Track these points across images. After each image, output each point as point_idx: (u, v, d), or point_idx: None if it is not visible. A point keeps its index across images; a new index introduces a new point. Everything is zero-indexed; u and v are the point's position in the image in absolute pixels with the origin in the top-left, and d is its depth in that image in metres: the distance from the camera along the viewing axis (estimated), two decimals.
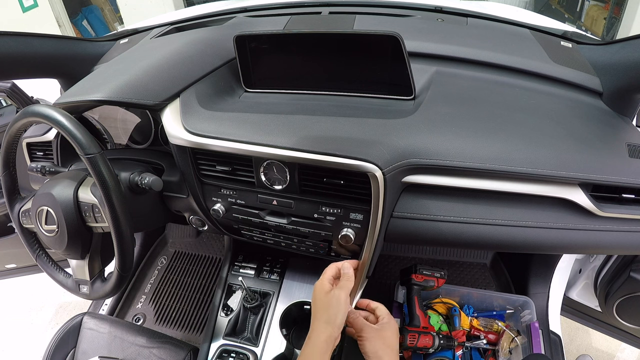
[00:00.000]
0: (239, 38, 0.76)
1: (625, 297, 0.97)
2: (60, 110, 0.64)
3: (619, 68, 0.75)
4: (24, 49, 0.86)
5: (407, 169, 0.64)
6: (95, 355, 0.95)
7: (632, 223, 0.68)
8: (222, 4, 1.43)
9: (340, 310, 0.64)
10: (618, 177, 0.64)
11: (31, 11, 3.35)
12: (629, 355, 1.47)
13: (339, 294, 0.65)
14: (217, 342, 0.95)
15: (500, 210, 0.67)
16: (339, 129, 0.65)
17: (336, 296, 0.65)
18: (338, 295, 0.65)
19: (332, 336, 0.62)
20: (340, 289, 0.66)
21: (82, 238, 0.73)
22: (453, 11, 1.07)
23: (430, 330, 0.98)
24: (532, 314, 1.05)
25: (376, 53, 0.71)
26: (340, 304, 0.64)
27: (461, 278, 1.39)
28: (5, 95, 0.97)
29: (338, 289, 0.66)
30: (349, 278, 0.68)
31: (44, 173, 0.83)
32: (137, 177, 0.75)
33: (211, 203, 0.79)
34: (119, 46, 1.08)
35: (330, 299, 0.65)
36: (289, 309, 0.98)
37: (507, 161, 0.62)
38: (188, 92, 0.75)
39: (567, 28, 1.03)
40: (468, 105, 0.72)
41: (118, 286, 0.72)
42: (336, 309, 0.64)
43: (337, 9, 1.10)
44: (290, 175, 0.69)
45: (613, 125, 0.73)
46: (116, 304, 1.41)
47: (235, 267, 1.08)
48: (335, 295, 0.65)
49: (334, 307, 0.64)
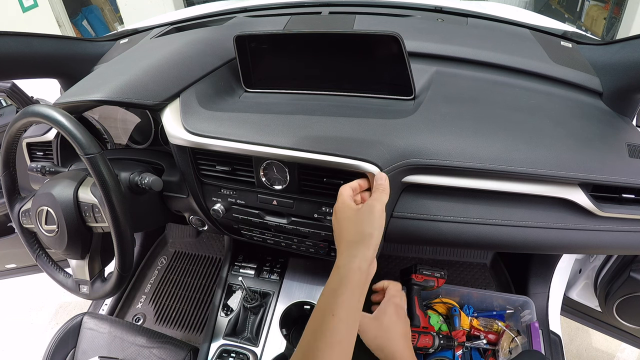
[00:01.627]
0: (239, 38, 0.76)
1: (625, 297, 0.97)
2: (60, 110, 0.64)
3: (619, 68, 0.75)
4: (24, 49, 0.86)
5: (407, 169, 0.64)
6: (95, 355, 0.95)
7: (632, 223, 0.68)
8: (222, 4, 1.43)
9: (376, 226, 0.51)
10: (618, 177, 0.64)
11: (31, 11, 3.35)
12: (629, 355, 1.47)
13: (373, 205, 0.52)
14: (217, 342, 0.95)
15: (500, 210, 0.67)
16: (339, 129, 0.65)
17: (369, 208, 0.52)
18: (371, 207, 0.52)
19: (366, 260, 0.49)
20: (375, 200, 0.53)
21: (82, 238, 0.73)
22: (453, 11, 1.07)
23: (430, 330, 0.98)
24: (532, 314, 1.05)
25: (376, 53, 0.71)
26: (374, 217, 0.51)
27: (461, 278, 1.39)
28: (5, 95, 0.97)
29: (372, 200, 0.54)
30: (385, 189, 0.56)
31: (44, 173, 0.83)
32: (137, 177, 0.75)
33: (211, 203, 0.79)
34: (119, 46, 1.08)
35: (362, 214, 0.52)
36: (289, 309, 0.98)
37: (507, 161, 0.62)
38: (188, 92, 0.75)
39: (567, 28, 1.03)
40: (468, 105, 0.72)
41: (118, 286, 0.72)
42: (370, 224, 0.51)
43: (337, 9, 1.10)
44: (290, 175, 0.69)
45: (613, 125, 0.73)
46: (116, 304, 1.41)
47: (235, 267, 1.08)
48: (367, 207, 0.52)
49: (367, 221, 0.51)
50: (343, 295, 0.48)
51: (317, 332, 0.47)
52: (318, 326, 0.48)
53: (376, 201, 0.54)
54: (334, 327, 0.47)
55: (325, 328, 0.47)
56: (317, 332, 0.47)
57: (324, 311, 0.48)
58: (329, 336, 0.46)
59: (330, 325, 0.47)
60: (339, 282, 0.49)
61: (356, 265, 0.49)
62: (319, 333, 0.47)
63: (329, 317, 0.47)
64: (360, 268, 0.49)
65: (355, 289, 0.49)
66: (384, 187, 0.57)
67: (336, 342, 0.46)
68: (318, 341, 0.46)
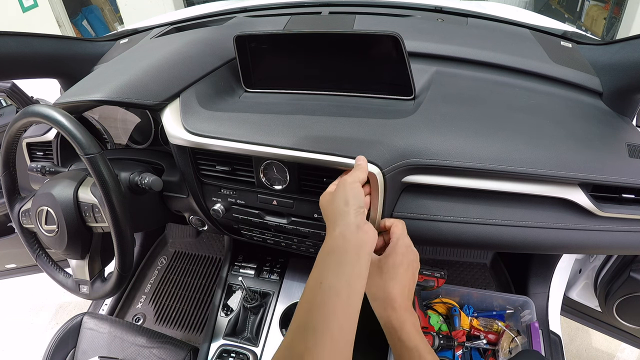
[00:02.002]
0: (239, 38, 0.76)
1: (625, 297, 0.96)
2: (60, 110, 0.64)
3: (619, 68, 0.75)
4: (24, 49, 0.86)
5: (407, 169, 0.64)
6: (95, 355, 0.95)
7: (632, 223, 0.68)
8: (222, 4, 1.43)
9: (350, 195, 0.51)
10: (618, 177, 0.64)
11: (31, 11, 3.35)
12: (629, 355, 1.47)
13: (344, 179, 0.54)
14: (217, 342, 0.95)
15: (500, 210, 0.67)
16: (339, 129, 0.65)
17: (341, 184, 0.53)
18: (343, 182, 0.53)
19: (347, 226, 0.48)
20: (347, 176, 0.55)
21: (82, 238, 0.73)
22: (453, 11, 1.07)
23: (430, 330, 0.98)
24: (532, 314, 1.05)
25: (376, 53, 0.71)
26: (345, 189, 0.52)
27: (461, 278, 1.39)
28: (5, 95, 0.97)
29: (344, 177, 0.55)
30: (361, 168, 0.56)
31: (44, 173, 0.83)
32: (137, 177, 0.75)
33: (211, 203, 0.79)
34: (119, 46, 1.08)
35: (336, 192, 0.53)
36: (289, 309, 0.99)
37: (507, 161, 0.62)
38: (188, 92, 0.75)
39: (567, 28, 1.03)
40: (468, 105, 0.72)
41: (118, 286, 0.72)
42: (343, 196, 0.51)
43: (337, 9, 1.10)
44: (290, 175, 0.69)
45: (613, 125, 0.73)
46: (116, 304, 1.41)
47: (235, 267, 1.08)
48: (340, 184, 0.53)
49: (340, 195, 0.52)
50: (330, 264, 0.46)
51: (309, 305, 0.44)
52: (309, 300, 0.45)
53: (348, 176, 0.55)
54: (323, 296, 0.44)
55: (314, 300, 0.44)
56: (309, 305, 0.44)
57: (313, 284, 0.46)
58: (321, 307, 0.43)
59: (319, 296, 0.44)
60: (326, 254, 0.48)
61: (338, 233, 0.48)
62: (310, 306, 0.44)
63: (317, 287, 0.45)
64: (343, 235, 0.48)
65: (343, 255, 0.47)
66: (361, 166, 0.57)
67: (330, 314, 0.42)
68: (311, 314, 0.43)
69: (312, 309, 0.44)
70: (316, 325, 0.42)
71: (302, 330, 0.42)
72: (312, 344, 0.40)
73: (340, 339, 0.42)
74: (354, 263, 0.47)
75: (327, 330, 0.41)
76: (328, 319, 0.42)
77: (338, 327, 0.42)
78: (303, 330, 0.42)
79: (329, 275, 0.45)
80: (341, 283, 0.45)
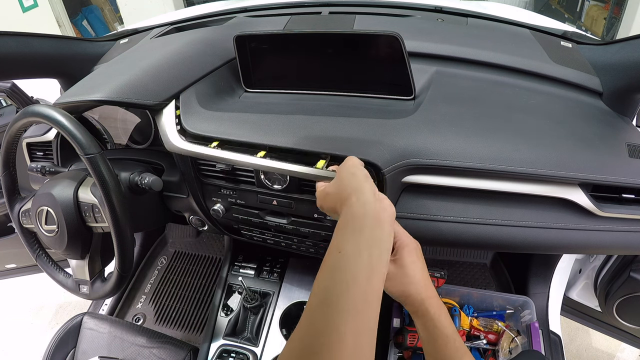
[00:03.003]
0: (239, 38, 0.76)
1: (625, 297, 0.96)
2: (60, 110, 0.64)
3: (619, 68, 0.75)
4: (24, 49, 0.86)
5: (407, 169, 0.64)
6: (95, 355, 0.95)
7: (632, 223, 0.68)
8: (222, 4, 1.43)
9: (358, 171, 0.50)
10: (618, 177, 0.64)
11: (31, 11, 3.35)
12: (629, 355, 1.47)
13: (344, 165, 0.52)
14: (217, 342, 0.95)
15: (500, 210, 0.67)
16: (338, 129, 0.65)
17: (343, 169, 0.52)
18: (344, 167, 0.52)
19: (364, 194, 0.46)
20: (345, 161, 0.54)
21: (82, 238, 0.73)
22: (453, 11, 1.07)
23: None
24: (532, 314, 1.05)
25: (376, 53, 0.71)
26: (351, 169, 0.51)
27: (461, 278, 1.39)
28: (5, 95, 0.97)
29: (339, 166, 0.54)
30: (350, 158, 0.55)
31: (44, 173, 0.83)
32: (137, 177, 0.75)
33: (211, 203, 0.79)
34: (119, 46, 1.08)
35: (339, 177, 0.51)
36: (289, 309, 0.99)
37: (507, 161, 0.62)
38: (188, 92, 0.75)
39: (567, 28, 1.03)
40: (468, 105, 0.72)
41: (118, 286, 0.72)
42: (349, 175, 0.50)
43: (337, 9, 1.10)
44: (290, 175, 0.69)
45: (613, 125, 0.73)
46: (116, 304, 1.41)
47: (235, 267, 1.08)
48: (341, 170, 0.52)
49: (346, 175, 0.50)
50: (348, 231, 0.43)
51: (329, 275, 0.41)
52: (329, 270, 0.41)
53: (346, 160, 0.54)
54: (342, 263, 0.40)
55: (334, 270, 0.41)
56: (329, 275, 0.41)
57: (331, 255, 0.42)
58: (342, 275, 0.39)
59: (338, 264, 0.41)
60: (344, 224, 0.44)
61: (354, 201, 0.46)
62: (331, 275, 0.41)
63: (336, 256, 0.41)
64: (361, 202, 0.45)
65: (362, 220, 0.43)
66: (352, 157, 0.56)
67: (351, 282, 0.38)
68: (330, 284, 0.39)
69: (332, 278, 0.40)
70: (338, 296, 0.37)
71: (321, 303, 0.38)
72: (333, 318, 0.36)
73: (364, 311, 0.38)
74: (374, 227, 0.43)
75: (350, 301, 0.37)
76: (349, 289, 0.38)
77: (362, 297, 0.38)
78: (322, 303, 0.38)
79: (348, 243, 0.42)
80: (361, 248, 0.41)
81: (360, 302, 0.38)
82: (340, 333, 0.35)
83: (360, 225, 0.43)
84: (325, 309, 0.37)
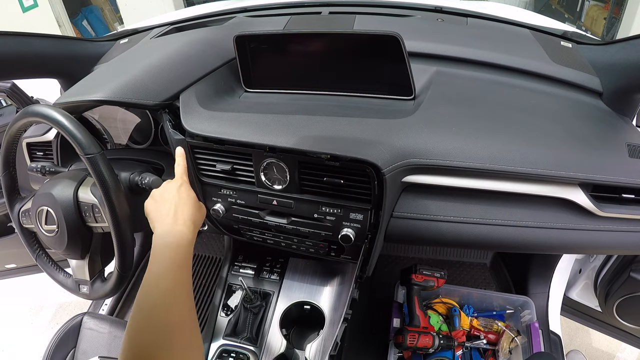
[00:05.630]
0: (239, 38, 0.76)
1: (625, 297, 0.97)
2: (60, 110, 0.64)
3: (619, 68, 0.75)
4: (24, 49, 0.86)
5: (407, 169, 0.64)
6: (95, 355, 0.95)
7: (632, 223, 0.68)
8: (222, 4, 1.42)
9: (168, 198, 0.63)
10: (618, 177, 0.64)
11: (31, 11, 3.35)
12: (629, 355, 1.47)
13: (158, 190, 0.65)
14: (217, 342, 0.95)
15: (500, 210, 0.67)
16: (339, 129, 0.65)
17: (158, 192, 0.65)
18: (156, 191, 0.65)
19: (169, 234, 0.60)
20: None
21: (82, 238, 0.73)
22: (453, 11, 1.07)
23: (430, 330, 0.98)
24: (532, 314, 1.05)
25: (376, 53, 0.71)
26: (165, 192, 0.64)
27: (461, 278, 1.39)
28: (5, 95, 0.97)
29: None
30: (178, 161, 0.69)
31: (44, 173, 0.83)
32: (137, 177, 0.75)
33: (211, 203, 0.79)
34: (119, 46, 1.08)
35: (154, 201, 0.64)
36: (289, 309, 0.99)
37: (507, 161, 0.62)
38: (188, 92, 0.75)
39: (567, 28, 1.03)
40: (468, 105, 0.72)
41: (118, 286, 0.72)
42: (165, 202, 0.63)
43: (337, 9, 1.10)
44: (290, 175, 0.69)
45: (613, 125, 0.73)
46: (116, 304, 1.41)
47: (235, 267, 1.08)
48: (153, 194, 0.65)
49: (167, 201, 0.63)
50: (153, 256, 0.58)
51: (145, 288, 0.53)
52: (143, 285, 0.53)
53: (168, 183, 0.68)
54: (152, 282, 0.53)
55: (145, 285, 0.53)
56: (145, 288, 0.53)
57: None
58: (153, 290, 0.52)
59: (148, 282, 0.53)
60: (152, 248, 0.58)
61: (157, 233, 0.60)
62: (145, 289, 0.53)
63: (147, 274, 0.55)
64: (161, 235, 0.60)
65: (162, 254, 0.58)
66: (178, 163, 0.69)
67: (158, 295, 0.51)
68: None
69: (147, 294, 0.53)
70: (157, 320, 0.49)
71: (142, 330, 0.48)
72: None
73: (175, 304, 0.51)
74: (172, 255, 0.59)
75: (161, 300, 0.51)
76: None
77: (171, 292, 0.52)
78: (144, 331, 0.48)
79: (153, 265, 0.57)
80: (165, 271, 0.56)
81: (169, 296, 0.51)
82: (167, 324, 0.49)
83: (160, 254, 0.57)
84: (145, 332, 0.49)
